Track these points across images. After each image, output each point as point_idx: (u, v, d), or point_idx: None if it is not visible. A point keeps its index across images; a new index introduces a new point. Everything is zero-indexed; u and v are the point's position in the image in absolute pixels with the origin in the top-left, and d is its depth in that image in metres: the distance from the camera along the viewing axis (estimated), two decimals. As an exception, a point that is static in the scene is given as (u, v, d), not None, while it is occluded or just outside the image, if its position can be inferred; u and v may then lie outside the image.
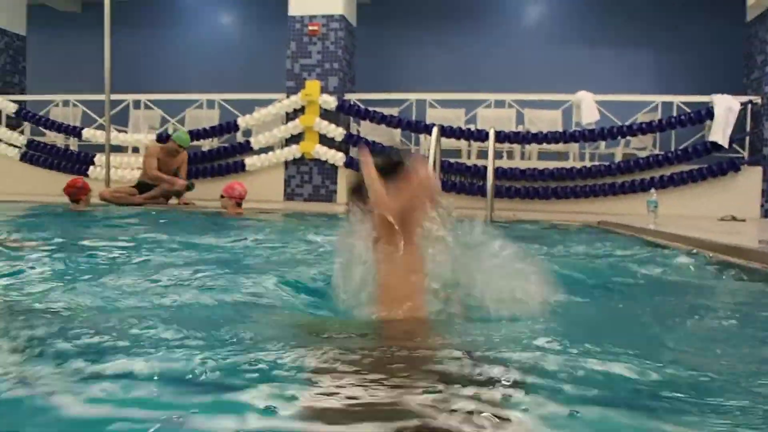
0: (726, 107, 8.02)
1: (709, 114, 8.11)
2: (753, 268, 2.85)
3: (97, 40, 8.09)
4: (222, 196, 6.39)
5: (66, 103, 10.23)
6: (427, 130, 8.39)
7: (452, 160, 8.61)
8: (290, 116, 9.16)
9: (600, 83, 8.95)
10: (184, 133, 7.74)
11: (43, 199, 7.37)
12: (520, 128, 8.86)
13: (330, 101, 8.90)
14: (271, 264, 2.71)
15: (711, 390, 1.07)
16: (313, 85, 9.01)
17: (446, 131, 8.30)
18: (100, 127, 9.39)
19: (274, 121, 9.25)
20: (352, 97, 9.28)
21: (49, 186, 9.20)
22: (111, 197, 7.28)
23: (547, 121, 8.84)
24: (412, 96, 9.28)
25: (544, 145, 8.63)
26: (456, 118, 9.08)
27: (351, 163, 8.92)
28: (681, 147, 8.40)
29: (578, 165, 8.47)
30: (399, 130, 9.18)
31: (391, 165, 1.35)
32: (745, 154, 8.32)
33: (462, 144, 8.92)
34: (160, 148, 7.59)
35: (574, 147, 8.79)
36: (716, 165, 8.13)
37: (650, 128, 8.35)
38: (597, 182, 8.33)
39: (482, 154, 8.56)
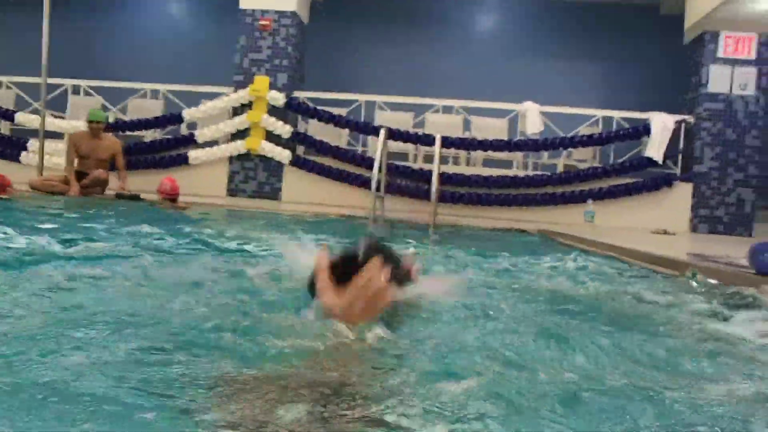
0: (662, 125, 8.36)
1: (646, 130, 8.43)
2: (680, 277, 2.97)
3: (37, 22, 7.75)
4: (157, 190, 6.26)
5: (-1, 84, 9.76)
6: (375, 132, 8.39)
7: (399, 163, 8.65)
8: (237, 111, 9.01)
9: (546, 95, 9.18)
10: (97, 109, 7.47)
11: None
12: (467, 135, 8.98)
13: (278, 98, 8.80)
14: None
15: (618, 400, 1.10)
16: (262, 81, 8.89)
17: (394, 134, 8.33)
18: (36, 111, 8.98)
19: (220, 115, 9.07)
20: (301, 94, 9.21)
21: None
22: (41, 185, 6.98)
23: (494, 129, 9.00)
24: (362, 97, 9.28)
25: (490, 153, 8.78)
26: (404, 121, 9.13)
27: (297, 161, 8.84)
28: (619, 161, 8.70)
29: (521, 174, 8.66)
30: (347, 131, 9.16)
31: (347, 261, 1.29)
32: (678, 170, 8.69)
33: (409, 147, 8.97)
34: (81, 134, 7.30)
35: (518, 156, 8.98)
36: (651, 180, 8.46)
37: (591, 141, 8.62)
38: (539, 191, 8.53)
39: (429, 158, 8.64)
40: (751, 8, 7.50)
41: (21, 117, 9.16)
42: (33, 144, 8.86)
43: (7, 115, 9.25)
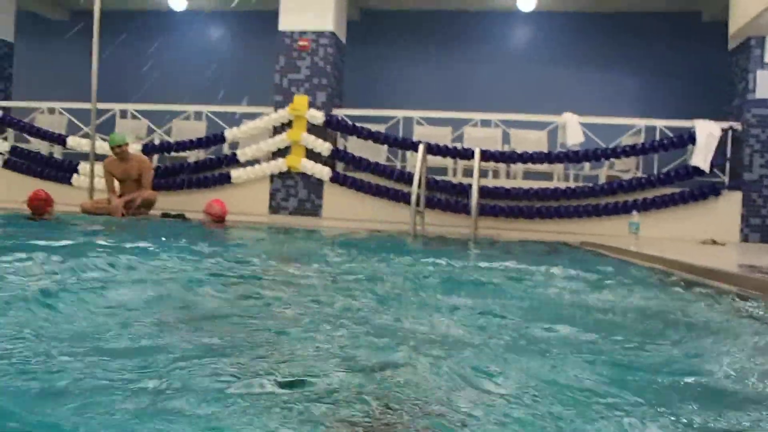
0: (707, 133, 8.16)
1: (691, 139, 8.24)
2: (731, 291, 2.89)
3: (85, 49, 8.08)
4: (203, 211, 6.40)
5: (51, 110, 10.16)
6: (414, 147, 8.43)
7: (438, 178, 8.65)
8: (277, 130, 9.17)
9: (585, 106, 9.07)
10: (115, 133, 7.64)
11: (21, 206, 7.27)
12: (506, 148, 8.93)
13: (317, 116, 8.93)
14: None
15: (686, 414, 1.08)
16: (301, 100, 9.04)
17: (433, 149, 8.35)
18: (86, 135, 9.33)
19: (261, 134, 9.25)
20: (340, 112, 9.32)
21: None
22: (92, 208, 7.21)
23: (533, 141, 8.92)
24: (400, 113, 9.33)
25: (530, 165, 8.70)
26: (443, 136, 9.13)
27: (337, 178, 8.93)
28: (663, 170, 8.51)
29: (562, 185, 8.54)
30: (386, 147, 9.22)
31: None
32: (726, 179, 8.45)
33: (448, 162, 8.97)
34: (111, 160, 7.48)
35: (558, 168, 8.87)
36: (697, 189, 8.25)
37: (633, 151, 8.46)
38: (580, 203, 8.40)
39: (468, 172, 8.61)
40: (798, 11, 7.28)
41: (72, 141, 9.52)
42: (84, 167, 9.19)
43: (60, 140, 9.63)
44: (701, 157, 8.12)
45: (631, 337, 1.70)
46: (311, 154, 9.01)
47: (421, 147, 7.00)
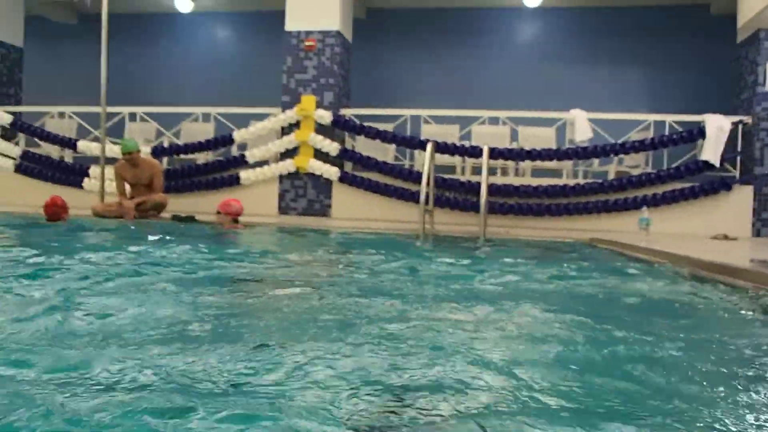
0: (717, 127, 8.11)
1: (701, 133, 8.19)
2: (743, 287, 2.88)
3: (93, 52, 8.13)
4: (218, 212, 6.41)
5: (62, 114, 10.24)
6: (422, 146, 8.43)
7: (446, 176, 8.65)
8: (285, 131, 9.19)
9: (593, 102, 9.03)
10: (127, 139, 7.67)
11: (39, 211, 7.33)
12: (514, 145, 8.91)
13: (325, 116, 8.95)
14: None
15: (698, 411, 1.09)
16: (308, 100, 9.06)
17: (440, 147, 8.34)
18: (96, 139, 9.39)
19: (269, 135, 9.28)
20: (348, 112, 9.33)
21: (43, 198, 9.09)
22: (103, 211, 7.26)
23: (541, 138, 8.90)
24: (407, 112, 9.34)
25: (538, 162, 8.68)
26: (450, 134, 9.13)
27: (345, 178, 8.95)
28: (673, 165, 8.47)
29: (571, 182, 8.52)
30: (394, 146, 9.22)
31: None
32: (737, 173, 8.40)
33: (456, 160, 8.96)
34: (122, 164, 7.51)
35: (567, 164, 8.85)
36: (708, 184, 8.20)
37: (643, 146, 8.42)
38: (590, 199, 8.38)
39: (476, 170, 8.60)
40: (808, 3, 7.22)
41: (82, 145, 9.59)
42: (94, 170, 9.26)
43: (70, 144, 9.70)
44: (711, 151, 8.07)
45: (631, 332, 1.71)
46: (319, 155, 9.03)
47: (429, 145, 7.00)
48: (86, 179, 9.42)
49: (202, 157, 9.59)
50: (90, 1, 7.65)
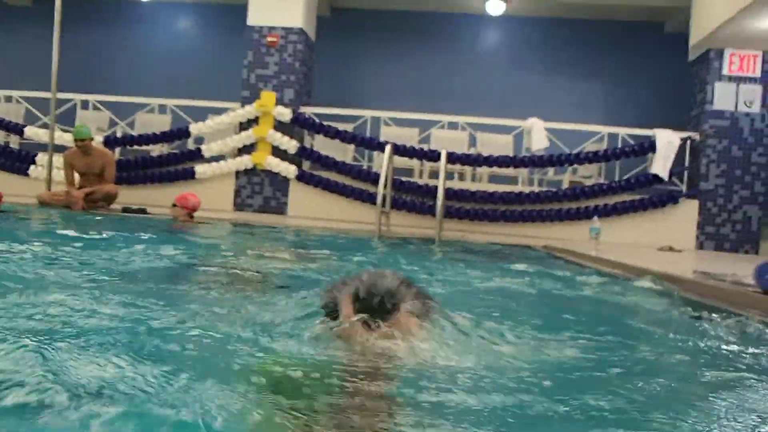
0: (667, 141, 8.37)
1: (652, 147, 8.44)
2: (686, 297, 2.97)
3: (46, 36, 7.86)
4: (174, 205, 6.27)
5: (9, 98, 9.86)
6: (381, 147, 8.44)
7: (404, 179, 8.68)
8: (244, 126, 9.07)
9: (551, 111, 9.21)
10: (81, 125, 7.46)
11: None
12: (473, 150, 9.01)
13: (285, 113, 8.86)
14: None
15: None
16: (268, 96, 8.96)
17: (399, 150, 8.36)
18: (45, 126, 9.07)
19: (227, 130, 9.14)
20: (308, 110, 9.26)
21: (-15, 184, 8.80)
22: (50, 199, 7.03)
23: (499, 145, 9.02)
24: (368, 113, 9.33)
25: (495, 169, 8.80)
26: (410, 137, 9.16)
27: (303, 176, 8.88)
28: (624, 177, 8.70)
29: (527, 190, 8.66)
30: (353, 146, 9.20)
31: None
32: (683, 187, 8.68)
33: (414, 163, 9.00)
34: (73, 152, 7.29)
35: (523, 172, 8.99)
36: (656, 196, 8.45)
37: (596, 158, 8.63)
38: (544, 207, 8.53)
39: (434, 174, 8.65)
40: (756, 26, 7.52)
41: (30, 131, 9.24)
42: (41, 158, 8.93)
43: (17, 129, 9.34)
44: (660, 165, 8.33)
45: (575, 335, 1.74)
46: (277, 152, 8.94)
47: (387, 147, 7.02)
48: (32, 167, 9.07)
49: (156, 149, 9.37)
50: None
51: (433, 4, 10.93)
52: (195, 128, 9.04)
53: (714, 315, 2.33)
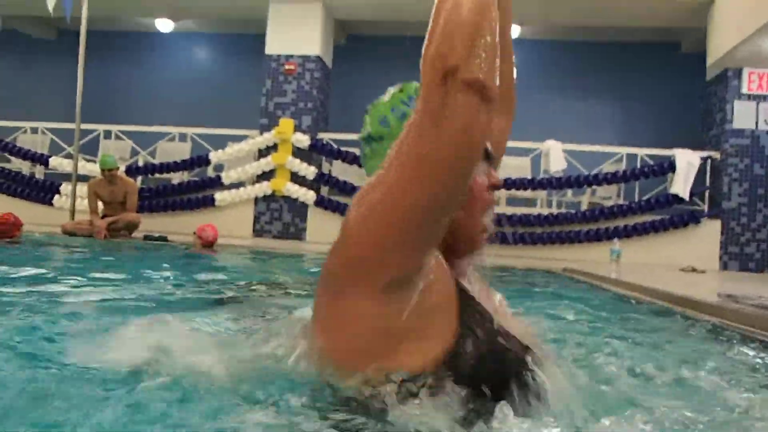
0: (687, 161, 8.30)
1: (671, 167, 8.37)
2: (709, 321, 2.92)
3: (70, 68, 8.06)
4: (194, 233, 6.34)
5: (34, 130, 10.10)
6: (399, 172, 8.45)
7: (422, 203, 8.68)
8: (262, 153, 9.18)
9: (568, 133, 9.20)
10: (108, 155, 7.59)
11: None
12: (490, 173, 8.98)
13: (303, 140, 8.96)
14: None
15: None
16: (286, 124, 9.07)
17: (417, 174, 8.36)
18: (69, 156, 9.26)
19: (246, 157, 9.26)
20: (325, 136, 9.36)
21: (11, 214, 8.97)
22: (73, 229, 7.14)
23: (516, 167, 9.01)
24: (385, 138, 9.37)
25: (513, 191, 8.78)
26: (427, 161, 9.17)
27: (321, 202, 8.93)
28: (644, 198, 8.63)
29: (545, 212, 8.62)
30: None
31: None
32: (705, 207, 8.58)
33: (432, 187, 9.00)
34: (98, 181, 7.42)
35: (541, 194, 8.96)
36: (677, 217, 8.36)
37: (615, 178, 8.58)
38: (563, 229, 8.48)
39: (452, 197, 8.63)
40: (773, 45, 7.48)
41: (54, 161, 9.44)
42: (65, 188, 9.11)
43: (42, 160, 9.55)
44: (681, 185, 8.25)
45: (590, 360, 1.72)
46: (296, 178, 9.02)
47: (405, 172, 7.02)
48: (57, 196, 9.26)
49: (177, 177, 9.51)
50: (69, 17, 7.60)
51: (448, 29, 11.02)
52: (215, 156, 9.17)
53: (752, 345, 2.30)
